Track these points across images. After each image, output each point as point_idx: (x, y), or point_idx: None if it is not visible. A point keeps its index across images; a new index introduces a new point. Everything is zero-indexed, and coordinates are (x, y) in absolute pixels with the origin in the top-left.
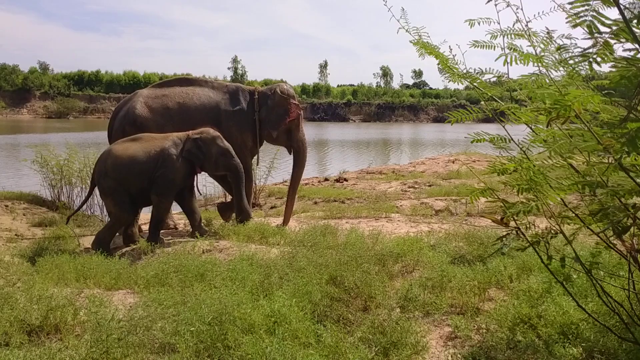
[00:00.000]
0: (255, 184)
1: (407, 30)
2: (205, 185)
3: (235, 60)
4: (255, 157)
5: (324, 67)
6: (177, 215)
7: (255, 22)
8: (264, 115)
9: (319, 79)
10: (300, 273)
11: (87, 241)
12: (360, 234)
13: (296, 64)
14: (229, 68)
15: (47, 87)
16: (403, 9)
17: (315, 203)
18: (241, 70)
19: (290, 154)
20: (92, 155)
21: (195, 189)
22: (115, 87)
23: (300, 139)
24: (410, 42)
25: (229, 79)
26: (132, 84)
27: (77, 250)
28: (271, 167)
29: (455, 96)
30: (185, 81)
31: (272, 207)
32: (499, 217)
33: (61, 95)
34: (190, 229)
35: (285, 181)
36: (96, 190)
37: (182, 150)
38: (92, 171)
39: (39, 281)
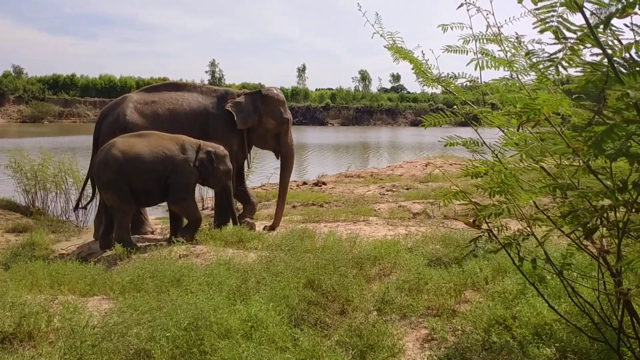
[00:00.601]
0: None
1: (381, 35)
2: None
3: (213, 64)
4: (246, 160)
5: (302, 70)
6: (153, 220)
7: (233, 26)
8: None
9: (298, 82)
10: (277, 277)
11: (61, 247)
12: (338, 238)
13: (274, 67)
14: (206, 71)
15: (21, 91)
16: (377, 14)
17: (294, 207)
18: (219, 73)
19: (277, 158)
20: (67, 160)
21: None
22: (91, 91)
23: (289, 144)
24: (385, 46)
25: (206, 82)
26: (108, 87)
27: (51, 257)
28: (249, 171)
29: (432, 100)
30: (173, 86)
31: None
32: (472, 220)
33: (36, 99)
34: (168, 235)
35: (264, 185)
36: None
37: (196, 159)
38: (90, 167)
39: (12, 288)
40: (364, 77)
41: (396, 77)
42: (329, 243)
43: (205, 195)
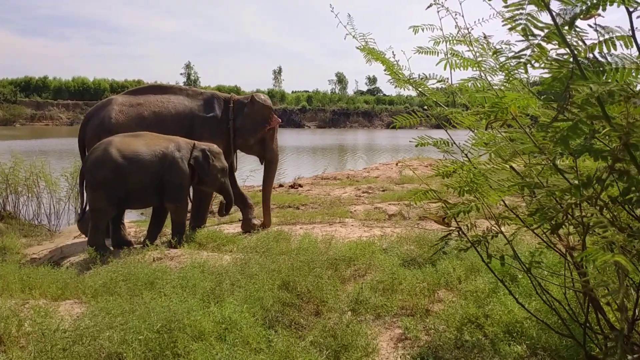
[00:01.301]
0: None
1: (353, 37)
2: None
3: (188, 66)
4: (233, 162)
5: (278, 73)
6: (127, 223)
7: (208, 28)
8: (239, 123)
9: (274, 85)
10: (252, 279)
11: (33, 251)
12: (314, 239)
13: (250, 69)
14: (181, 74)
15: None
16: (349, 16)
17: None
18: (194, 76)
19: (261, 163)
20: (39, 163)
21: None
22: (63, 94)
23: (274, 150)
24: (357, 48)
25: (181, 84)
26: (81, 90)
27: (23, 261)
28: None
29: (408, 102)
30: (159, 89)
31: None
32: (442, 218)
33: (7, 101)
34: (142, 238)
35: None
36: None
37: (190, 157)
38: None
39: None
40: (341, 79)
41: (372, 80)
42: (304, 245)
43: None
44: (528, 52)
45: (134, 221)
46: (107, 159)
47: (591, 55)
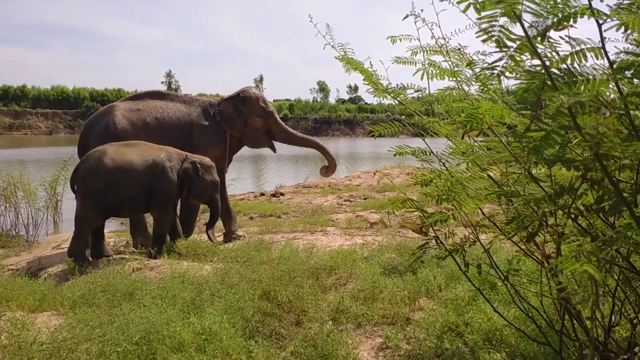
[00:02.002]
0: None
1: (332, 46)
2: None
3: (169, 75)
4: (224, 168)
5: (259, 81)
6: (107, 233)
7: (189, 36)
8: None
9: None
10: (232, 289)
11: (10, 262)
12: (295, 248)
13: (231, 78)
14: (162, 82)
15: None
16: (328, 25)
17: (251, 218)
18: (175, 84)
19: (274, 152)
20: (17, 173)
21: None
22: (42, 103)
23: (285, 128)
24: (336, 57)
25: None
26: (60, 99)
27: (0, 272)
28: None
29: (390, 111)
30: (157, 95)
31: (206, 224)
32: (419, 227)
33: None
34: (121, 248)
35: None
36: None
37: (180, 168)
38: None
39: None
40: (322, 88)
41: (354, 88)
42: (285, 254)
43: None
44: (501, 63)
45: (113, 231)
46: (101, 169)
47: (564, 66)
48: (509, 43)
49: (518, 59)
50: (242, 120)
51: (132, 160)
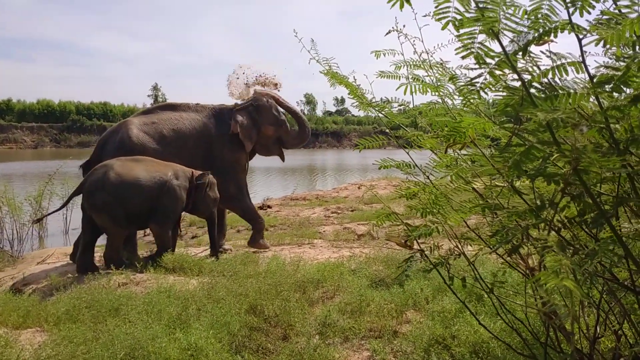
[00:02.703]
0: None
1: (317, 61)
2: None
3: (155, 88)
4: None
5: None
6: None
7: (176, 49)
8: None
9: None
10: (218, 303)
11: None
12: (282, 262)
13: (219, 90)
14: (149, 95)
15: None
16: (312, 40)
17: (238, 231)
18: (162, 97)
19: (283, 161)
20: (1, 188)
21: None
22: (28, 116)
23: (294, 135)
24: (321, 72)
25: (148, 106)
26: (46, 113)
27: None
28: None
29: (376, 123)
30: (169, 107)
31: (193, 237)
32: (404, 240)
33: None
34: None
35: None
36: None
37: (189, 186)
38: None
39: None
40: (309, 100)
41: (340, 101)
42: (272, 267)
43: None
44: (481, 79)
45: (99, 245)
46: (107, 184)
47: (545, 80)
48: (488, 60)
49: (498, 74)
50: (256, 129)
51: (139, 175)
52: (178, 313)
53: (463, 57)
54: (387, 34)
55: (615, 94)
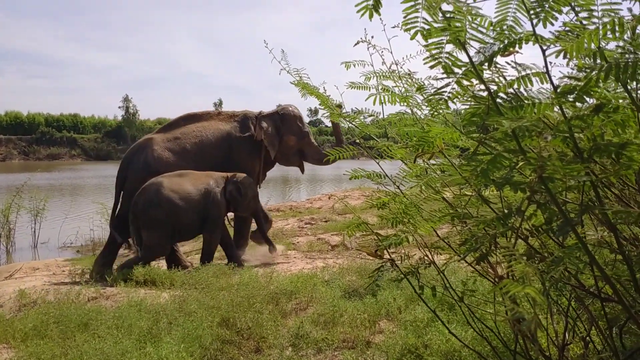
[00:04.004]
0: None
1: (288, 72)
2: None
3: (126, 99)
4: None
5: (219, 105)
6: (62, 262)
7: (147, 61)
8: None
9: None
10: (190, 317)
11: None
12: (255, 273)
13: (190, 102)
14: (119, 107)
15: None
16: (283, 51)
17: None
18: (133, 109)
19: (303, 173)
20: None
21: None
22: None
23: (317, 149)
24: (291, 83)
25: (119, 118)
26: (14, 124)
27: None
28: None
29: (350, 134)
30: (191, 118)
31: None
32: (374, 250)
33: None
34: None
35: None
36: None
37: (225, 191)
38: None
39: None
40: None
41: (314, 111)
42: (244, 279)
43: None
44: (448, 89)
45: (69, 259)
46: (162, 201)
47: (511, 90)
48: (455, 69)
49: (466, 84)
50: (279, 137)
51: (188, 189)
52: (149, 327)
53: (431, 67)
54: (355, 44)
55: (579, 104)
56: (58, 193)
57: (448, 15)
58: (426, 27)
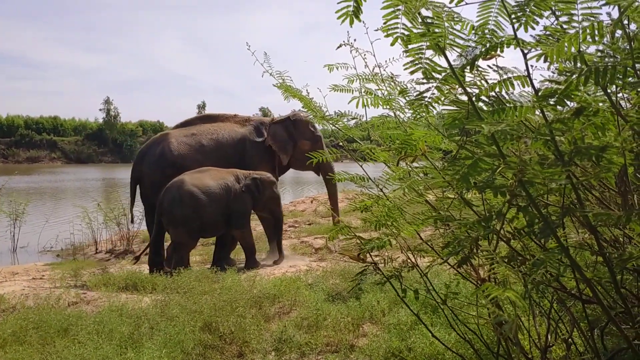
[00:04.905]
0: (129, 229)
1: (270, 74)
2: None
3: (107, 102)
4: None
5: (202, 107)
6: (42, 266)
7: (128, 63)
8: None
9: None
10: (172, 321)
11: None
12: (238, 277)
13: (173, 104)
14: (100, 109)
15: None
16: (266, 53)
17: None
18: (114, 111)
19: (318, 175)
20: None
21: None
22: None
23: (328, 163)
24: (274, 85)
25: (100, 120)
26: None
27: None
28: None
29: (334, 136)
30: (208, 118)
31: (147, 254)
32: (356, 254)
33: None
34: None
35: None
36: None
37: (243, 185)
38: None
39: None
40: (265, 114)
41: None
42: (227, 283)
43: None
44: (428, 94)
45: (49, 263)
46: (185, 198)
47: (493, 94)
48: (436, 74)
49: (446, 88)
50: (292, 143)
51: (210, 185)
52: (130, 332)
53: (411, 73)
54: (337, 47)
55: (560, 107)
56: (38, 196)
57: (427, 20)
58: (406, 33)
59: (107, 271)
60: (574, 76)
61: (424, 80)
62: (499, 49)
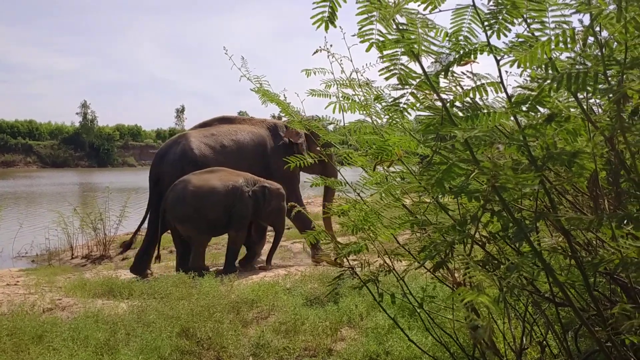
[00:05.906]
0: (105, 234)
1: (248, 78)
2: None
3: (84, 105)
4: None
5: (181, 112)
6: (16, 272)
7: (106, 66)
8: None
9: (176, 123)
10: (149, 327)
11: None
12: (215, 282)
13: (152, 108)
14: (77, 113)
15: None
16: (243, 58)
17: (171, 252)
18: (91, 115)
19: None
20: None
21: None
22: None
23: (333, 166)
24: (252, 90)
25: (77, 124)
26: None
27: None
28: (122, 216)
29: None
30: (225, 120)
31: (123, 259)
32: (334, 258)
33: None
34: (29, 289)
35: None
36: None
37: (250, 191)
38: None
39: None
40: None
41: (278, 118)
42: (205, 288)
43: None
44: (403, 100)
45: (24, 269)
46: (187, 196)
47: (468, 100)
48: (411, 81)
49: (420, 95)
50: (306, 145)
51: (216, 185)
52: (106, 338)
53: (386, 79)
54: (314, 53)
55: (532, 113)
56: (13, 201)
57: (402, 27)
58: (381, 39)
59: (83, 277)
60: (546, 82)
61: (400, 86)
62: (472, 56)
